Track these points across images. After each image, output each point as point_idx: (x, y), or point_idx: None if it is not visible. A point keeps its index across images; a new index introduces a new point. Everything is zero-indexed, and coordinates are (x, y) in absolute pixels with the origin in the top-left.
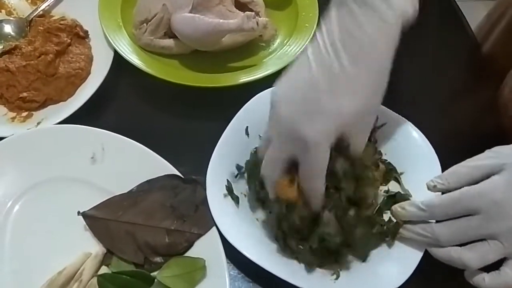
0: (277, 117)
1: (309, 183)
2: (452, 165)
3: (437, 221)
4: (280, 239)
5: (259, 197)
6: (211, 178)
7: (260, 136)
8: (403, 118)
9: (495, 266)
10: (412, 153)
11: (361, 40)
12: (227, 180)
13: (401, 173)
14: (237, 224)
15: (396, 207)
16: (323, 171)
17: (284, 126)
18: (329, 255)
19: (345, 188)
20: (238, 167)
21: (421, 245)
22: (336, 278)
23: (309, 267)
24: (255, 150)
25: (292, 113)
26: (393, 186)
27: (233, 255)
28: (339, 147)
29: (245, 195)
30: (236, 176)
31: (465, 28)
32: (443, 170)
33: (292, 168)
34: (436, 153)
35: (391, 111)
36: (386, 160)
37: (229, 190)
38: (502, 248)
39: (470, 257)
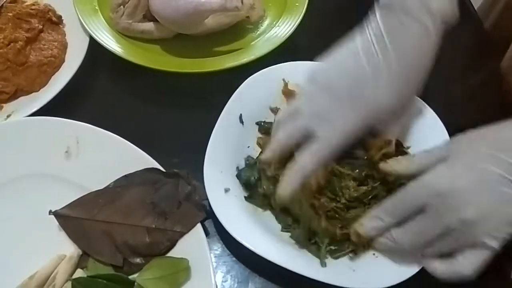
0: (315, 93)
1: (308, 157)
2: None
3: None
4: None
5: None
6: (209, 173)
7: (259, 123)
8: None
9: None
10: (418, 125)
11: (406, 41)
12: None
13: (408, 147)
14: (242, 220)
15: (355, 226)
16: (328, 155)
17: (319, 103)
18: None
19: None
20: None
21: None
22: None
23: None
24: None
25: (332, 95)
26: None
27: (230, 248)
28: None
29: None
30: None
31: (467, 6)
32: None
33: None
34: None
35: None
36: None
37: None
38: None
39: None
